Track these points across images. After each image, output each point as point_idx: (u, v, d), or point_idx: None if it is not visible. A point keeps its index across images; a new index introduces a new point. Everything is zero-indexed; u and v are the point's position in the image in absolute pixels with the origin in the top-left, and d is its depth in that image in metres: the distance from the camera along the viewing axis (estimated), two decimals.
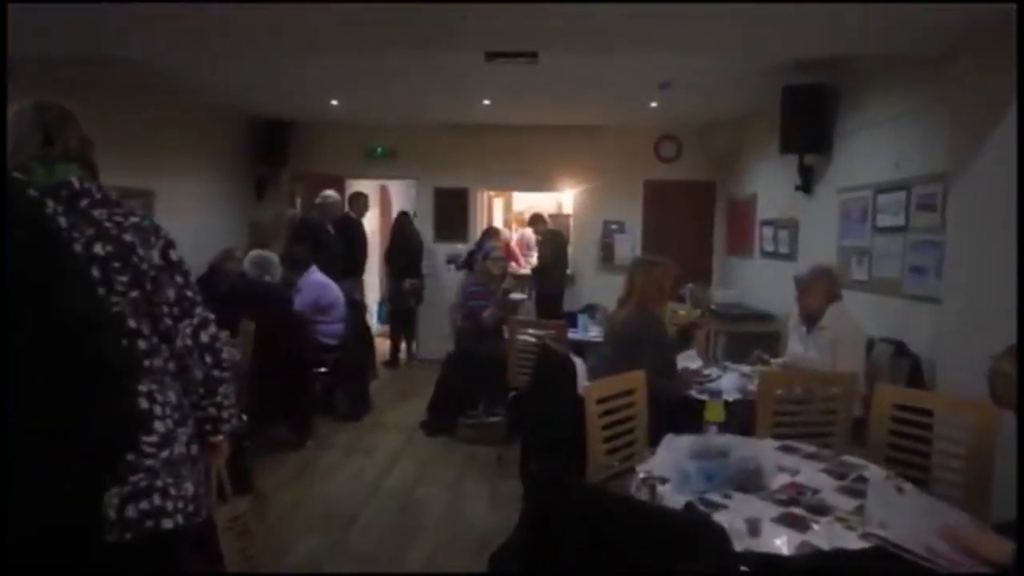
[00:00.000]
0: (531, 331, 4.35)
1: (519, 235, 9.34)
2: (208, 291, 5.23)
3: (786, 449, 2.25)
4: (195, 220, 6.55)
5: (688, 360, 3.47)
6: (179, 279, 1.61)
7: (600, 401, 2.30)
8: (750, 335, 4.86)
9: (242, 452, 3.08)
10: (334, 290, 5.36)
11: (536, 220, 7.64)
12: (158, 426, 1.47)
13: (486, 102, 6.30)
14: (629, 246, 7.69)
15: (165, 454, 1.47)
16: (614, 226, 7.75)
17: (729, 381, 3.19)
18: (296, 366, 4.59)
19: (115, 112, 5.54)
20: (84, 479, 1.29)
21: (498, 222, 9.37)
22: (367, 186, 8.75)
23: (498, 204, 9.73)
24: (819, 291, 3.31)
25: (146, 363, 1.50)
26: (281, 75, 5.53)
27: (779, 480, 1.97)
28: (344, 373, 5.33)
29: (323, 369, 5.17)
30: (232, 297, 4.35)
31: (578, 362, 2.83)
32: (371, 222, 8.49)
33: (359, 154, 7.76)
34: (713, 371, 3.38)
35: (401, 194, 9.99)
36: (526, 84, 5.61)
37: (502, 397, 4.62)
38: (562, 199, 8.83)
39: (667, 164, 7.63)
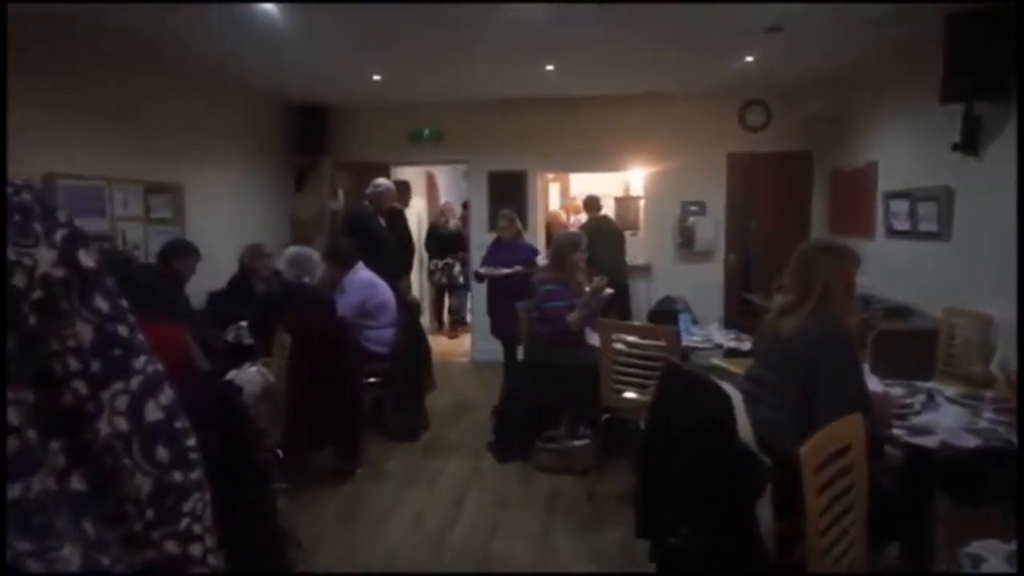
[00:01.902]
0: (629, 338, 3.50)
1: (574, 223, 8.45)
2: (240, 294, 4.59)
3: None
4: (230, 215, 5.92)
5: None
6: (101, 304, 0.82)
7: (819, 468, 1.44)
8: (903, 337, 3.85)
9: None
10: (383, 290, 4.62)
11: (591, 204, 6.71)
12: None
13: (549, 67, 5.45)
14: (711, 229, 6.75)
15: None
16: (693, 207, 6.81)
17: (946, 415, 2.26)
18: (342, 381, 3.85)
19: (140, 98, 4.91)
20: None
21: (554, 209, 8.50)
22: (412, 173, 8.04)
23: (554, 189, 8.84)
24: None
25: (14, 488, 0.72)
26: (318, 51, 4.80)
27: None
28: (397, 386, 4.59)
29: (372, 379, 4.45)
30: (266, 303, 3.65)
31: (729, 389, 1.98)
32: (416, 212, 7.74)
33: (404, 138, 7.01)
34: (917, 398, 2.44)
35: (449, 181, 9.24)
36: (591, 46, 4.75)
37: (591, 417, 3.80)
38: (630, 179, 7.90)
39: (754, 133, 6.64)
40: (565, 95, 6.52)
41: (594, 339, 4.31)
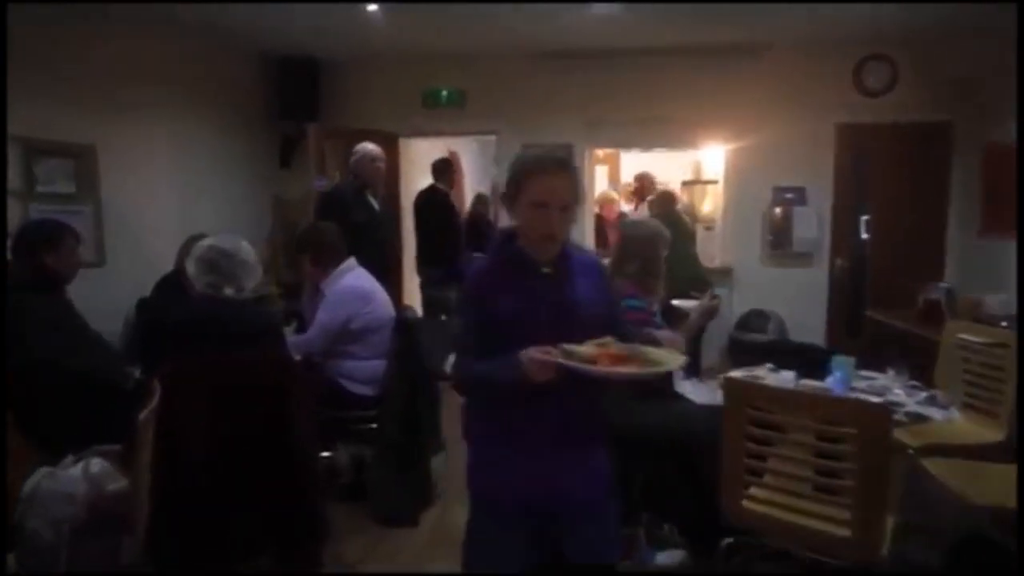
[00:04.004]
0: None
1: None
2: (170, 304, 2.96)
3: None
4: (194, 197, 4.54)
5: None
6: None
7: None
8: None
9: None
10: (380, 305, 3.21)
11: (664, 201, 5.14)
12: None
13: (600, 9, 3.96)
14: (813, 223, 5.17)
15: None
16: (789, 195, 5.23)
17: None
18: (288, 454, 2.38)
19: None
20: None
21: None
22: (427, 150, 6.57)
23: (600, 172, 7.27)
24: None
25: None
26: None
27: None
28: (388, 445, 3.13)
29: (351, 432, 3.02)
30: (147, 338, 2.23)
31: None
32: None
33: (415, 102, 5.53)
34: None
35: (475, 161, 7.75)
36: None
37: (696, 531, 2.29)
38: (700, 159, 6.31)
39: (873, 98, 5.04)
40: (621, 47, 5.00)
41: (687, 386, 2.82)
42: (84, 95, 3.73)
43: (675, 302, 3.01)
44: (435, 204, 5.29)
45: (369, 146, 4.25)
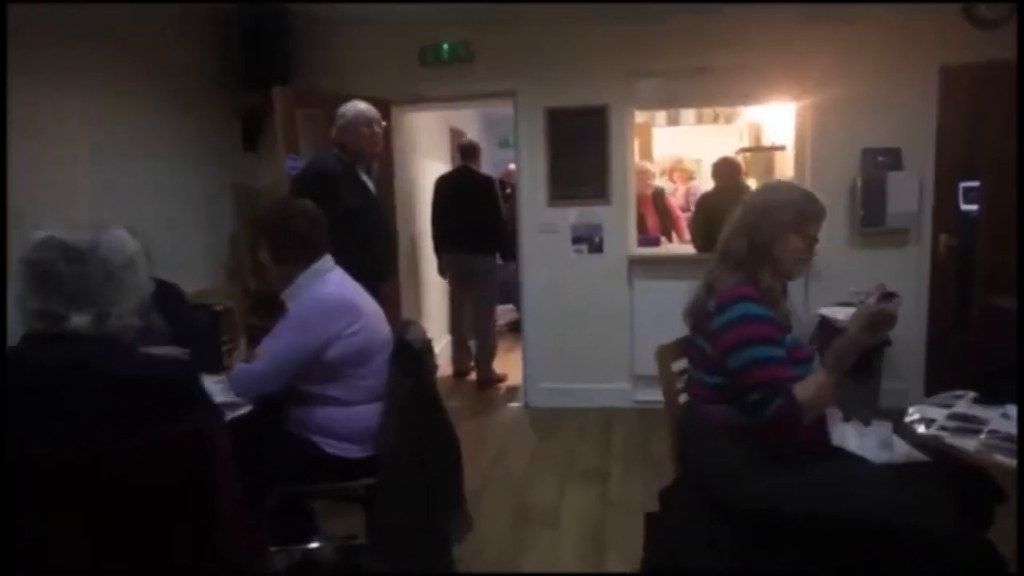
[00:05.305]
0: None
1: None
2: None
3: None
4: (137, 184, 3.51)
5: None
6: None
7: None
8: None
9: None
10: (371, 324, 2.21)
11: (732, 168, 4.19)
12: None
13: None
14: (913, 192, 4.14)
15: None
16: (882, 158, 4.18)
17: None
18: None
19: None
20: None
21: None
22: (427, 123, 5.56)
23: None
24: None
25: None
26: None
27: None
28: (390, 527, 2.11)
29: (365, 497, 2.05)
30: None
31: None
32: (426, 178, 5.25)
33: (412, 61, 4.48)
34: None
35: (474, 135, 6.76)
36: None
37: None
38: (761, 122, 5.26)
39: (988, 32, 3.99)
40: None
41: (850, 435, 1.81)
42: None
43: (824, 311, 1.97)
44: (478, 186, 5.01)
45: (361, 105, 3.25)
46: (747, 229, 1.78)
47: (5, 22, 2.21)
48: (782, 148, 4.67)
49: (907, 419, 1.79)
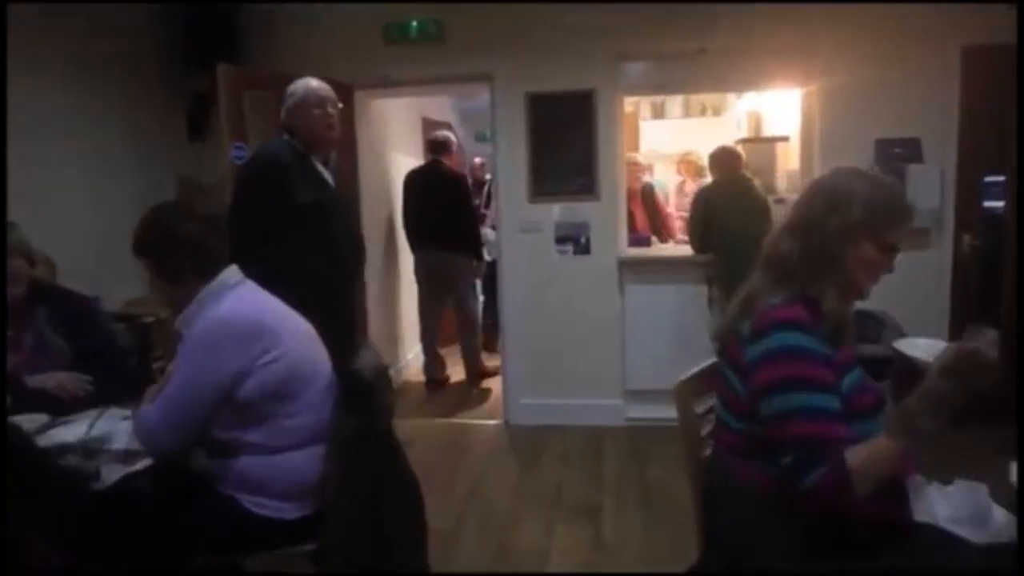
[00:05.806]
0: None
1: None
2: None
3: None
4: (71, 181, 3.03)
5: None
6: None
7: None
8: None
9: None
10: (292, 339, 1.72)
11: (731, 159, 3.79)
12: None
13: None
14: (934, 186, 3.76)
15: None
16: (898, 149, 3.80)
17: None
18: None
19: None
20: None
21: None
22: (398, 110, 5.11)
23: None
24: None
25: None
26: None
27: None
28: None
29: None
30: None
31: None
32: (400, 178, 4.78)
33: (376, 40, 4.01)
34: None
35: (454, 122, 6.32)
36: None
37: None
38: (761, 112, 4.85)
39: (1016, 5, 3.61)
40: None
41: (938, 503, 1.36)
42: None
43: (900, 344, 1.52)
44: (448, 182, 4.67)
45: (313, 83, 2.79)
46: (803, 226, 1.34)
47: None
48: (785, 139, 4.27)
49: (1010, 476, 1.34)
